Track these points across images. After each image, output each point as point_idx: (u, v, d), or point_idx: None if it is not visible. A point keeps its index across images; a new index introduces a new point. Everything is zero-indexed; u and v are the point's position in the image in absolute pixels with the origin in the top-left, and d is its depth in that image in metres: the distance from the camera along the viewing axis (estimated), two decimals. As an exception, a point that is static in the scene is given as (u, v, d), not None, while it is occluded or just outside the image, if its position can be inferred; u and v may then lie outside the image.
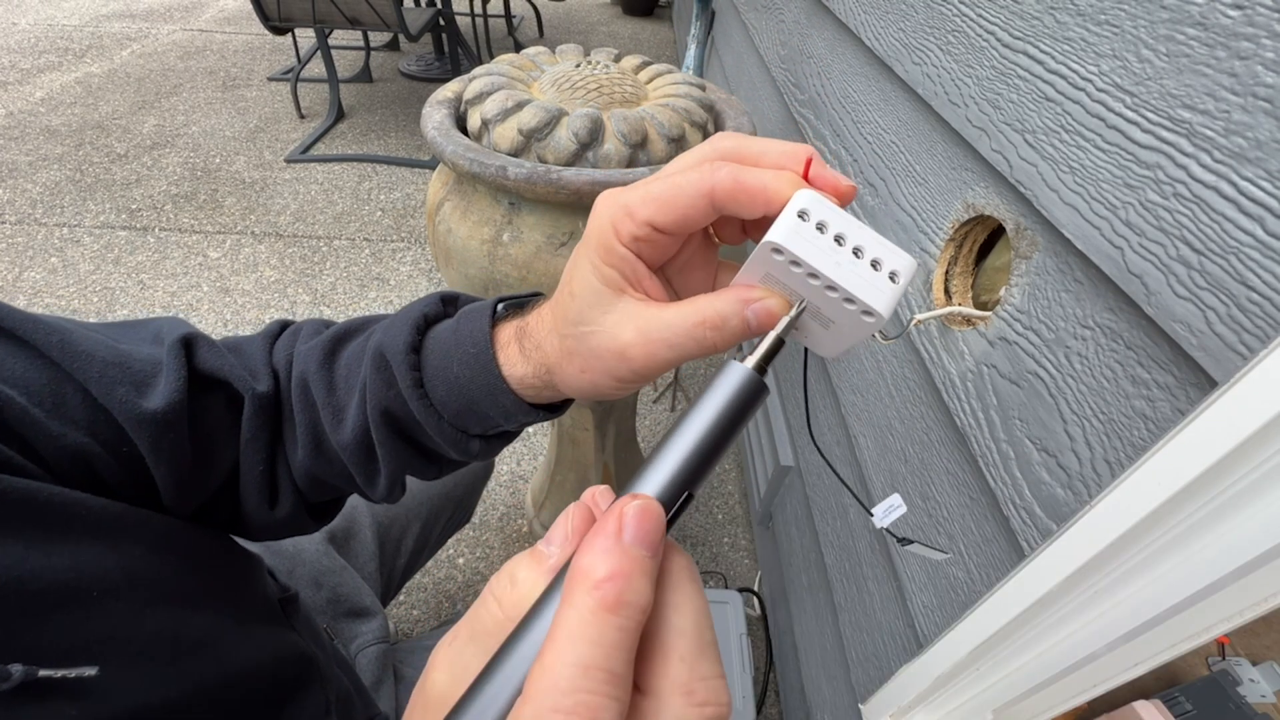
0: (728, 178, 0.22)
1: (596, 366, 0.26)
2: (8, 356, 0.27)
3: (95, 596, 0.26)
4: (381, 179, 2.20)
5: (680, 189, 0.23)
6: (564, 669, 0.13)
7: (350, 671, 0.53)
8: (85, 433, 0.29)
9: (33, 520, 0.25)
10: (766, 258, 0.22)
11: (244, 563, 0.40)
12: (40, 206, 1.95)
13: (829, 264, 0.21)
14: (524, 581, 0.17)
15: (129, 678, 0.27)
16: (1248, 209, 0.29)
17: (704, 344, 0.24)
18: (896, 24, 0.66)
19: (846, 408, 0.75)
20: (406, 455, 0.34)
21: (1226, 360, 0.29)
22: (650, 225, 0.23)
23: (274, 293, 1.70)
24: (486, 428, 0.33)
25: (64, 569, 0.25)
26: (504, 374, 0.30)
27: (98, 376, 0.29)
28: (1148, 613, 0.34)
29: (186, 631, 0.30)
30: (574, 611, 0.14)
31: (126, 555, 0.28)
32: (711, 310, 0.23)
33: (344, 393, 0.34)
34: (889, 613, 0.62)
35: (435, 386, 0.32)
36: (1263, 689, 0.83)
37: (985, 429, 0.47)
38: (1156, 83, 0.34)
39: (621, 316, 0.25)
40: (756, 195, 0.22)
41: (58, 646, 0.24)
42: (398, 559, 0.73)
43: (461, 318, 0.33)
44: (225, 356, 0.35)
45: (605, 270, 0.25)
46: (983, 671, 0.47)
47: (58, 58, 2.93)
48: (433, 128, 0.66)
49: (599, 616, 0.14)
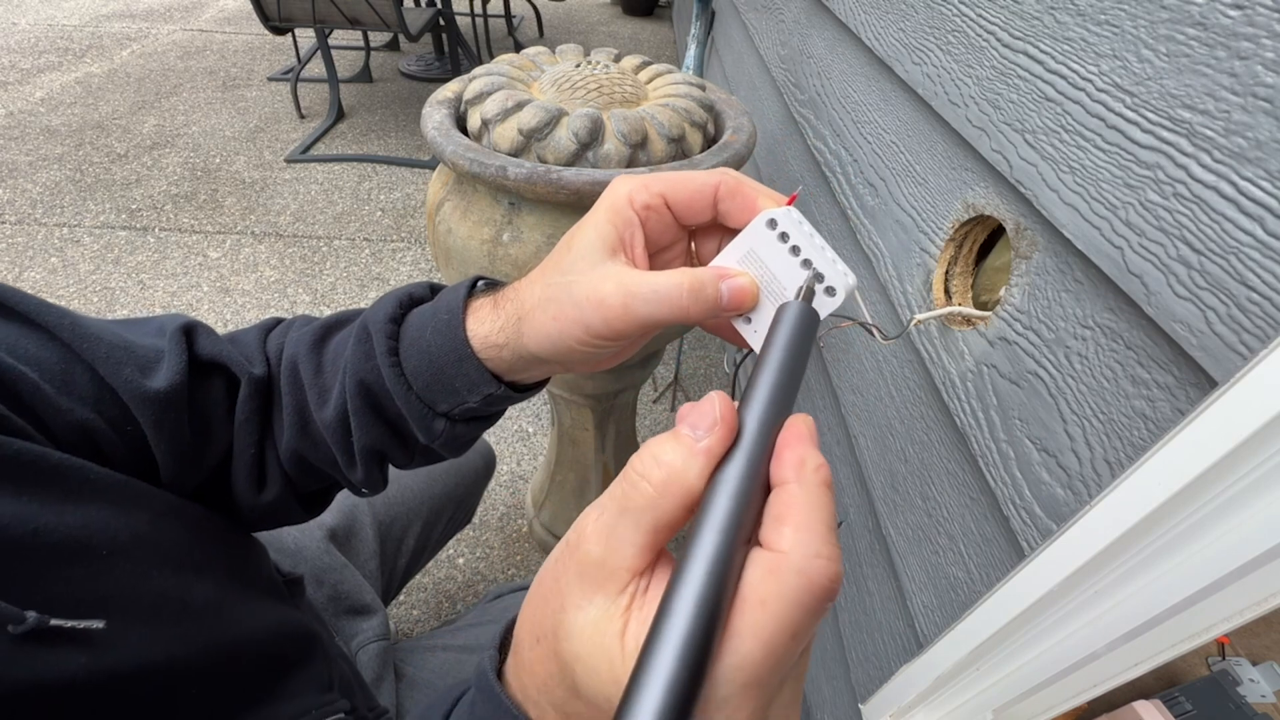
0: (733, 180, 0.27)
1: (570, 315, 0.28)
2: (21, 337, 0.29)
3: (104, 555, 0.28)
4: (381, 179, 2.20)
5: (693, 177, 0.28)
6: (819, 527, 0.18)
7: (352, 666, 0.53)
8: (92, 409, 0.30)
9: (45, 481, 0.26)
10: (758, 232, 0.26)
11: (246, 540, 0.41)
12: (40, 206, 1.95)
13: (807, 243, 0.26)
14: (670, 462, 0.19)
15: (135, 634, 0.28)
16: (1248, 209, 0.29)
17: (678, 306, 0.26)
18: (896, 24, 0.66)
19: (846, 407, 0.75)
20: (379, 431, 0.35)
21: (1226, 360, 0.29)
22: (662, 197, 0.28)
23: (274, 293, 1.70)
24: (452, 404, 0.34)
25: (76, 527, 0.27)
26: (469, 334, 0.32)
27: (105, 357, 0.31)
28: (1148, 613, 0.34)
29: (191, 596, 0.32)
30: (805, 489, 0.19)
31: (133, 520, 0.30)
32: (692, 276, 0.26)
33: (330, 374, 0.36)
34: (889, 613, 0.62)
35: (409, 357, 0.33)
36: (1263, 689, 0.83)
37: (985, 429, 0.47)
38: (1156, 83, 0.34)
39: (607, 271, 0.27)
40: (750, 201, 0.27)
41: (69, 599, 0.25)
42: (399, 558, 0.73)
43: (442, 294, 0.35)
44: (223, 343, 0.36)
45: (606, 229, 0.28)
46: (983, 671, 0.47)
47: (58, 58, 2.93)
48: (433, 128, 0.66)
49: (825, 491, 0.19)
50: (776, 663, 0.17)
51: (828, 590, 0.17)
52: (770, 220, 0.26)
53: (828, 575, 0.17)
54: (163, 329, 0.35)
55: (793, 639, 0.17)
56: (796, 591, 0.17)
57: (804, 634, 0.18)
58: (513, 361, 0.32)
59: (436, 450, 0.37)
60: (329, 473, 0.39)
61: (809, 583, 0.17)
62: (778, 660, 0.17)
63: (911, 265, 0.60)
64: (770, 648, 0.17)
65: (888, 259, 0.65)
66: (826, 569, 0.17)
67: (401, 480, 0.74)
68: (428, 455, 0.38)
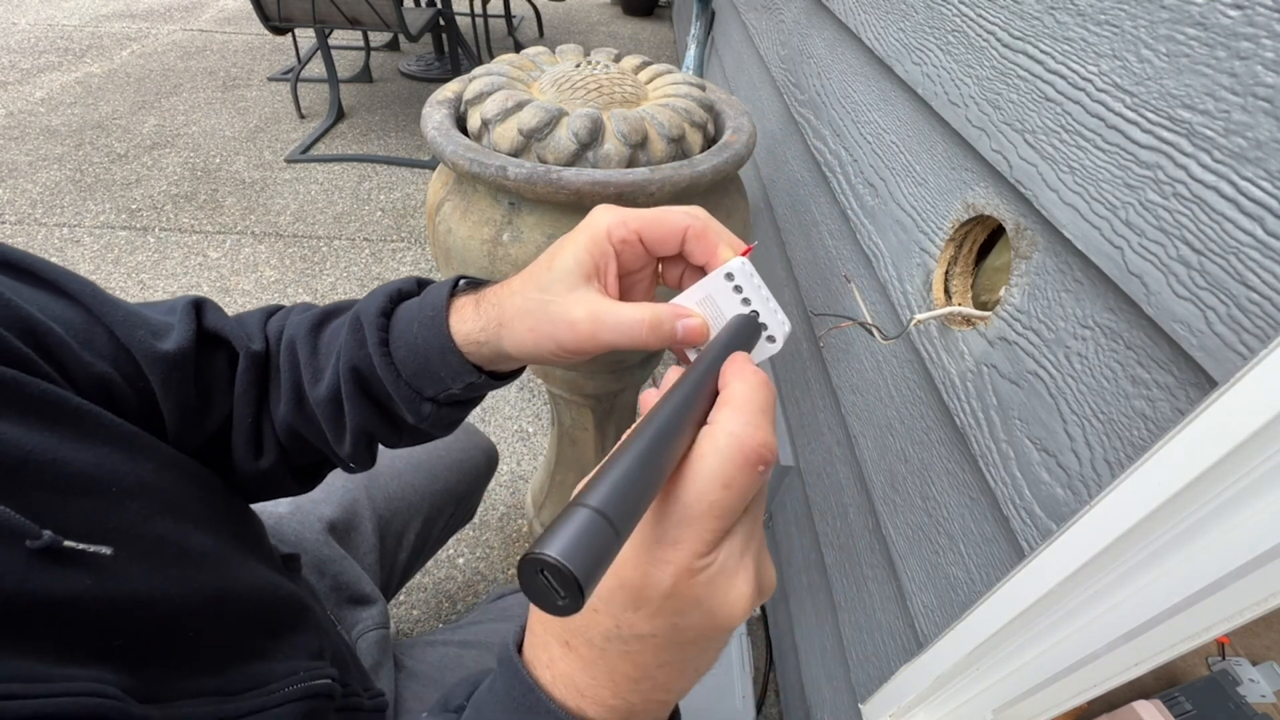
0: (701, 225, 0.31)
1: (544, 330, 0.32)
2: (49, 301, 0.33)
3: (114, 493, 0.30)
4: (381, 179, 2.20)
5: (667, 218, 0.31)
6: (750, 407, 0.23)
7: (350, 649, 0.54)
8: (109, 365, 0.34)
9: (66, 420, 0.29)
10: (716, 281, 0.30)
11: (245, 508, 0.44)
12: (40, 206, 1.95)
13: (755, 294, 0.30)
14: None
15: (136, 567, 0.30)
16: (1248, 209, 0.29)
17: (636, 336, 0.30)
18: (896, 24, 0.66)
19: (846, 408, 0.75)
20: (369, 412, 0.39)
21: (1226, 360, 0.29)
22: (637, 234, 0.31)
23: (274, 293, 1.70)
24: (438, 390, 0.37)
25: (90, 464, 0.29)
26: (452, 331, 0.35)
27: (122, 320, 0.35)
28: (1147, 613, 0.34)
29: (189, 543, 0.34)
30: (744, 384, 0.24)
31: (140, 466, 0.32)
32: (653, 312, 0.30)
33: (324, 356, 0.39)
34: (889, 613, 0.62)
35: (398, 347, 0.37)
36: (1263, 689, 0.83)
37: (985, 429, 0.47)
38: (1156, 83, 0.34)
39: (580, 297, 0.31)
40: (712, 245, 0.31)
41: (80, 526, 0.28)
42: (399, 553, 0.73)
43: (427, 291, 0.38)
44: (228, 319, 0.41)
45: (584, 257, 0.31)
46: (983, 671, 0.47)
47: (58, 58, 2.93)
48: (433, 128, 0.66)
49: (761, 387, 0.24)
50: (709, 505, 0.21)
51: (756, 451, 0.21)
52: (728, 274, 0.30)
53: (755, 439, 0.21)
54: (173, 308, 0.39)
55: (724, 488, 0.21)
56: (728, 449, 0.21)
57: (736, 485, 0.21)
58: (491, 357, 0.35)
59: (425, 430, 0.40)
60: (320, 447, 0.42)
61: (738, 442, 0.21)
62: (710, 504, 0.21)
63: (911, 265, 0.60)
64: (701, 491, 0.21)
65: (888, 259, 0.65)
66: (755, 434, 0.21)
67: (403, 477, 0.74)
68: (415, 435, 0.42)
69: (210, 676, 0.34)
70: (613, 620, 0.22)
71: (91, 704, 0.27)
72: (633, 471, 0.19)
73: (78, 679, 0.27)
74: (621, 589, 0.22)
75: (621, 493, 0.18)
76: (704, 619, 0.22)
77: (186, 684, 0.33)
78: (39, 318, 0.31)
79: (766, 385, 0.24)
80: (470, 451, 0.83)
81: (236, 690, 0.35)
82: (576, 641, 0.24)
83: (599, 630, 0.23)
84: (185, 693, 0.33)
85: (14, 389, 0.28)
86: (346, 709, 0.45)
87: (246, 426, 0.40)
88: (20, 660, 0.25)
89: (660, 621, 0.22)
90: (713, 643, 0.24)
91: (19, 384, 0.28)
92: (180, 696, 0.32)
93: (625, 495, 0.18)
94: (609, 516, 0.17)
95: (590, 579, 0.16)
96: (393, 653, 0.63)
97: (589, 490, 0.18)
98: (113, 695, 0.28)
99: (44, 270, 0.34)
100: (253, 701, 0.36)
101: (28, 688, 0.25)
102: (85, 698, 0.26)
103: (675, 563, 0.21)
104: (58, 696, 0.25)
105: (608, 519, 0.17)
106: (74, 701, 0.26)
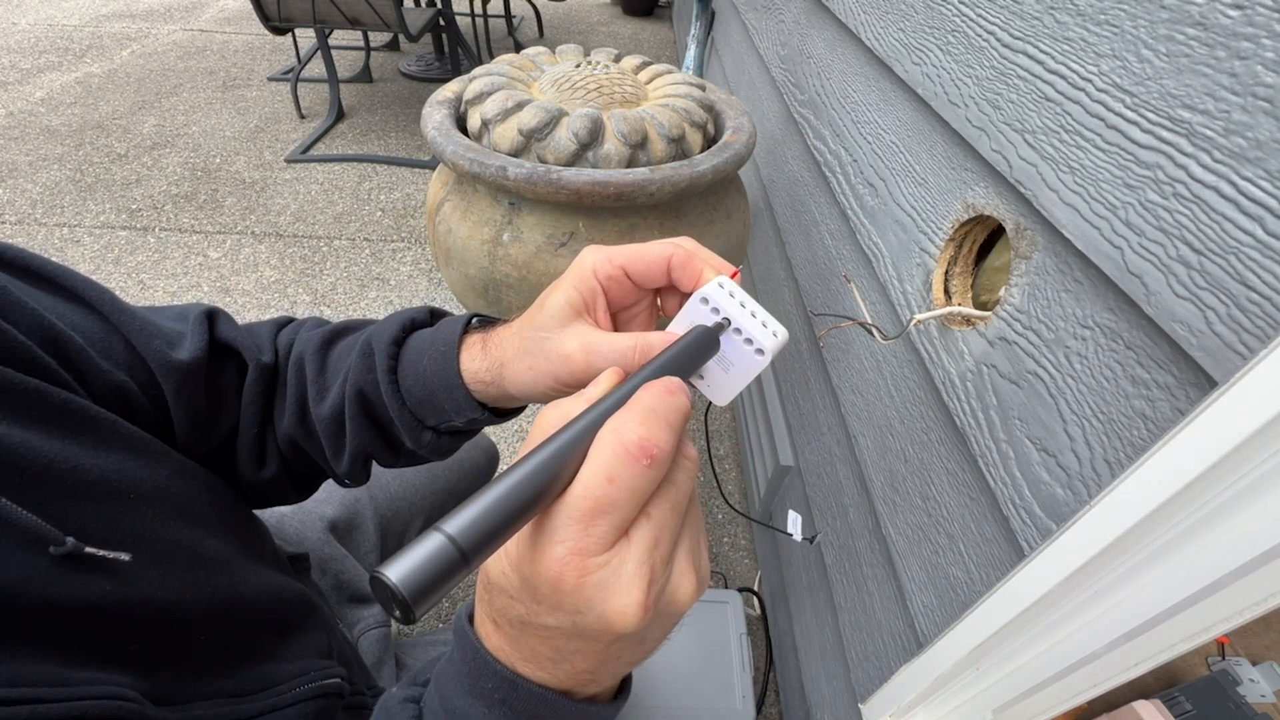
0: (684, 253, 0.31)
1: (542, 366, 0.32)
2: (68, 308, 0.34)
3: (131, 499, 0.31)
4: (381, 179, 2.20)
5: (649, 252, 0.32)
6: (640, 409, 0.23)
7: (352, 648, 0.55)
8: (126, 373, 0.35)
9: (85, 428, 0.30)
10: (694, 307, 0.31)
11: (251, 514, 0.45)
12: (40, 206, 1.95)
13: (736, 312, 0.30)
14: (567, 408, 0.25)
15: (152, 572, 0.32)
16: (1247, 209, 0.29)
17: (629, 365, 0.30)
18: (896, 24, 0.66)
19: (846, 408, 0.75)
20: (369, 435, 0.40)
21: (1226, 360, 0.29)
22: (623, 269, 0.32)
23: (274, 293, 1.70)
24: (439, 421, 0.38)
25: (108, 470, 0.30)
26: (462, 368, 0.36)
27: (138, 330, 0.36)
28: (1148, 613, 0.34)
29: (202, 548, 0.35)
30: (648, 392, 0.24)
31: (155, 472, 0.33)
32: (642, 340, 0.30)
33: (331, 375, 0.40)
34: (889, 613, 0.62)
35: (405, 376, 0.38)
36: (1263, 689, 0.83)
37: (985, 429, 0.47)
38: (1156, 83, 0.34)
39: (573, 332, 0.32)
40: (696, 270, 0.31)
41: (100, 531, 0.29)
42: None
43: (440, 325, 0.39)
44: (240, 330, 0.41)
45: (573, 294, 0.32)
46: (983, 671, 0.47)
47: (58, 58, 2.93)
48: (433, 128, 0.66)
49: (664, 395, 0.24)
50: (594, 500, 0.21)
51: (637, 444, 0.22)
52: (704, 298, 0.31)
53: (636, 433, 0.22)
54: (183, 315, 0.40)
55: (608, 482, 0.21)
56: (610, 443, 0.22)
57: (620, 480, 0.21)
58: (496, 396, 0.36)
59: (422, 455, 0.41)
60: (318, 461, 0.43)
61: (619, 436, 0.22)
62: (595, 499, 0.21)
63: (911, 265, 0.60)
64: (587, 486, 0.21)
65: (887, 259, 0.65)
66: (636, 429, 0.22)
67: (404, 476, 0.74)
68: (411, 458, 0.43)
69: (223, 678, 0.35)
70: (523, 608, 0.24)
71: (112, 707, 0.27)
72: (498, 500, 0.20)
73: (97, 683, 0.27)
74: (522, 582, 0.23)
75: (478, 521, 0.19)
76: (598, 621, 0.22)
77: (199, 686, 0.34)
78: (60, 327, 0.32)
79: (667, 390, 0.24)
80: (470, 451, 0.83)
81: (249, 691, 0.36)
82: (501, 621, 0.25)
83: (515, 614, 0.24)
84: (198, 694, 0.33)
85: (37, 398, 0.28)
86: (353, 707, 0.45)
87: (252, 437, 0.41)
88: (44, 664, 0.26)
89: (562, 616, 0.22)
90: (624, 641, 0.24)
91: (42, 394, 0.29)
92: (194, 698, 0.33)
93: (481, 523, 0.19)
94: (459, 543, 0.18)
95: (421, 602, 0.17)
96: (394, 651, 0.64)
97: (452, 515, 0.19)
98: (131, 698, 0.28)
99: (63, 277, 0.34)
100: (264, 702, 0.37)
101: (52, 691, 0.25)
102: (106, 701, 0.27)
103: (560, 558, 0.21)
104: (81, 700, 0.26)
105: (457, 545, 0.18)
106: (95, 705, 0.27)
